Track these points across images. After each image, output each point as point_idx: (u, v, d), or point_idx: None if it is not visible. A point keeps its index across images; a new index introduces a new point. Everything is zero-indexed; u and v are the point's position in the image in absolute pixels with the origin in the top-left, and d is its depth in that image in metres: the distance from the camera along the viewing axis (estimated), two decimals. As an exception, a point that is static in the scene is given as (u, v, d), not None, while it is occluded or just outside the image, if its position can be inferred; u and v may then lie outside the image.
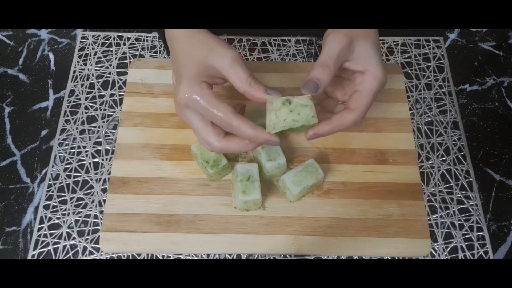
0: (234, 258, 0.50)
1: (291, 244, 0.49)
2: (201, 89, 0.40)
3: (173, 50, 0.44)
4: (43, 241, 0.51)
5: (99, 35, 0.65)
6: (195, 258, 0.50)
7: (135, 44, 0.65)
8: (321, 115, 0.44)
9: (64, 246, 0.51)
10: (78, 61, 0.63)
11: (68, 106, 0.59)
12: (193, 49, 0.42)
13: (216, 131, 0.42)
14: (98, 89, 0.60)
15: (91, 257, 0.50)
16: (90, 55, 0.63)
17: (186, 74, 0.41)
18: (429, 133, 0.58)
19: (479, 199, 0.55)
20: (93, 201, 0.53)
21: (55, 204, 0.53)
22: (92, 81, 0.61)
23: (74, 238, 0.51)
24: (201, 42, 0.42)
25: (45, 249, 0.51)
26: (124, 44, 0.64)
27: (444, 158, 0.57)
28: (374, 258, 0.50)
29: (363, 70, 0.43)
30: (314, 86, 0.41)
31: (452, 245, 0.52)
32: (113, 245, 0.49)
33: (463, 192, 0.55)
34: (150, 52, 0.64)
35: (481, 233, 0.53)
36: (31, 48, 0.64)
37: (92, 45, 0.64)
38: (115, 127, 0.58)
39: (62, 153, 0.56)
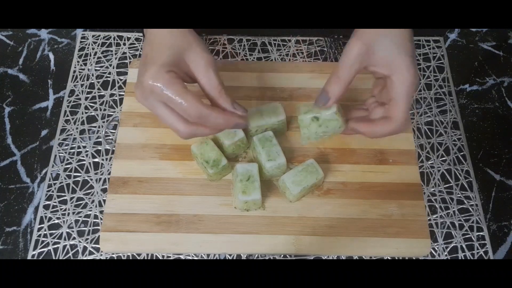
0: (234, 258, 0.50)
1: (291, 244, 0.49)
2: (169, 77, 0.39)
3: (150, 33, 0.42)
4: (43, 241, 0.51)
5: (99, 35, 0.65)
6: (195, 258, 0.50)
7: (135, 44, 0.65)
8: (357, 111, 0.48)
9: (64, 246, 0.51)
10: (78, 61, 0.63)
11: (68, 106, 0.59)
12: (171, 38, 0.41)
13: (181, 116, 0.41)
14: (98, 89, 0.60)
15: (91, 257, 0.50)
16: (90, 55, 0.63)
17: (157, 60, 0.40)
18: (429, 133, 0.58)
19: (479, 199, 0.55)
20: (93, 201, 0.53)
21: (55, 204, 0.53)
22: (92, 81, 0.61)
23: (74, 238, 0.51)
24: (181, 34, 0.41)
25: (45, 249, 0.51)
26: (124, 44, 0.64)
27: (444, 158, 0.57)
28: (374, 258, 0.50)
29: (389, 75, 0.42)
30: (324, 99, 0.44)
31: (452, 245, 0.52)
32: (113, 245, 0.49)
33: (463, 192, 0.55)
34: (150, 52, 0.64)
35: (481, 233, 0.53)
36: (31, 48, 0.64)
37: (92, 45, 0.64)
38: (115, 127, 0.58)
39: (62, 153, 0.56)
